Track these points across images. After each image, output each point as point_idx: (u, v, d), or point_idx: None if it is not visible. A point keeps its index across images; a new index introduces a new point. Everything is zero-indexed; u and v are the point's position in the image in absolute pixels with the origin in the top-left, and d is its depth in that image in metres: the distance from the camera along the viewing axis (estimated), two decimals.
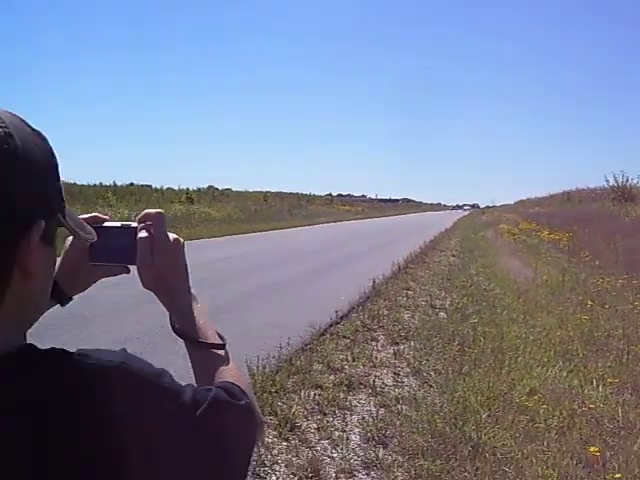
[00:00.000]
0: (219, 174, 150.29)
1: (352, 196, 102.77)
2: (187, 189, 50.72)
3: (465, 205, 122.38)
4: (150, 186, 52.71)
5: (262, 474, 4.62)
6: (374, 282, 13.16)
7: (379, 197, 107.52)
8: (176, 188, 50.82)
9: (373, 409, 6.03)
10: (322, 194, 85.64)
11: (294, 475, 4.63)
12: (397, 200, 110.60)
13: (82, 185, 42.46)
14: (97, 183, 44.68)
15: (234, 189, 62.78)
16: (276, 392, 6.17)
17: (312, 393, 6.31)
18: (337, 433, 5.45)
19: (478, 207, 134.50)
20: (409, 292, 13.02)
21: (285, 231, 35.07)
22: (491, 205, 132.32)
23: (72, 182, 41.82)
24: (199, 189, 51.93)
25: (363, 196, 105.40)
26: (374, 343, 8.64)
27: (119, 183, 45.82)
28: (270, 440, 5.17)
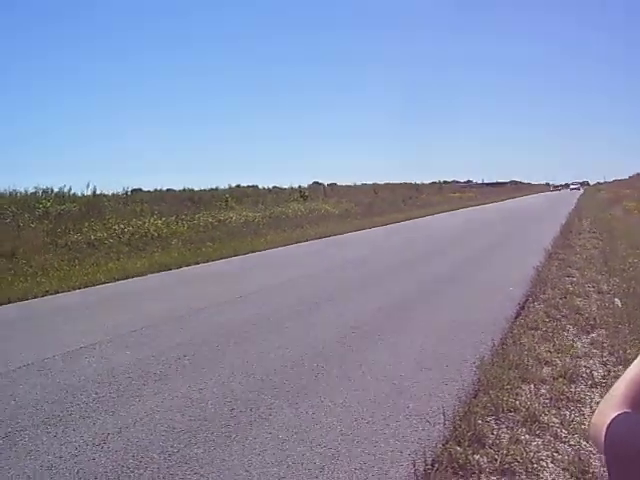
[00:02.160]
0: (320, 169, 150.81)
1: (457, 182, 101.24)
2: (299, 187, 51.20)
3: (574, 183, 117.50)
4: (257, 186, 53.34)
5: (531, 470, 4.65)
6: (538, 270, 13.08)
7: (485, 181, 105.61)
8: (285, 187, 51.31)
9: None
10: (428, 182, 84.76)
11: (565, 470, 4.65)
12: (504, 183, 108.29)
13: (201, 190, 43.36)
14: (212, 187, 45.47)
15: (339, 183, 62.91)
16: (502, 388, 6.19)
17: (534, 387, 6.31)
18: (583, 427, 5.44)
19: (588, 184, 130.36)
20: (572, 279, 12.84)
21: (410, 222, 35.09)
22: (602, 181, 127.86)
23: (191, 188, 42.86)
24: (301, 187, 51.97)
25: (469, 181, 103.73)
26: (565, 333, 8.57)
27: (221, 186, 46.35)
28: (523, 437, 5.21)
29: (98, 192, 31.09)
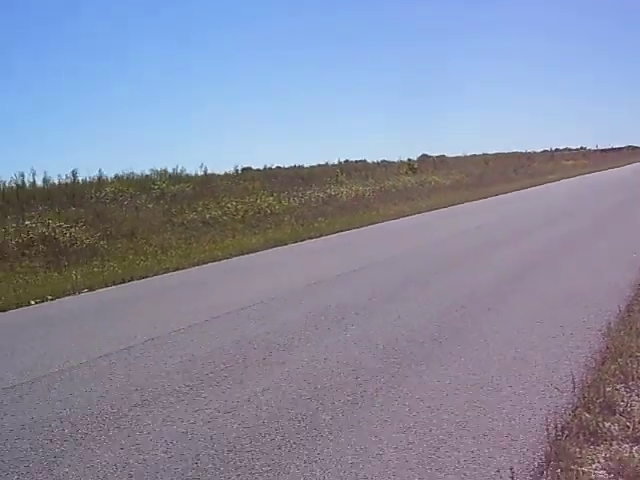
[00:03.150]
0: (431, 142, 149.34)
1: (570, 149, 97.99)
2: (409, 160, 50.81)
3: None
4: (365, 160, 53.15)
5: None
6: None
7: (600, 147, 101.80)
8: (394, 160, 50.97)
9: None
10: (539, 150, 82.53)
11: None
12: (621, 148, 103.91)
13: (310, 167, 43.70)
14: (322, 163, 45.70)
15: (447, 155, 62.05)
16: (630, 356, 6.02)
17: None
18: None
19: None
20: None
21: (522, 191, 34.49)
22: None
23: (300, 165, 43.24)
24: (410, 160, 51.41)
25: (582, 148, 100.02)
26: None
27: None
28: None
29: (210, 172, 31.74)
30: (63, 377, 6.74)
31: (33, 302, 11.65)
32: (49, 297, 11.98)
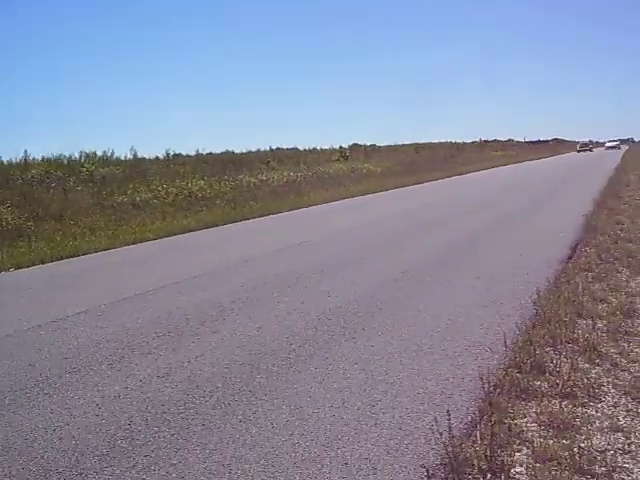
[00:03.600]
0: (358, 131, 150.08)
1: (499, 141, 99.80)
2: (340, 147, 51.06)
3: (611, 140, 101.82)
4: (297, 148, 53.27)
5: (592, 395, 4.62)
6: (587, 217, 12.99)
7: (527, 139, 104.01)
8: (326, 148, 51.17)
9: None
10: (469, 141, 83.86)
11: (627, 394, 4.62)
12: (547, 141, 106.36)
13: (242, 153, 43.54)
14: (253, 150, 45.59)
15: (378, 144, 62.55)
16: (558, 322, 6.15)
17: (591, 322, 6.25)
18: None
19: (633, 141, 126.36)
20: (622, 226, 12.67)
21: (451, 179, 35.03)
22: None
23: (231, 151, 43.00)
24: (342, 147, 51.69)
25: (510, 140, 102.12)
26: (618, 275, 8.47)
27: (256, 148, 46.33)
28: (582, 366, 5.19)
29: (140, 156, 31.37)
30: None
31: None
32: None
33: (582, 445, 3.71)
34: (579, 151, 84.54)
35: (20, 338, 6.87)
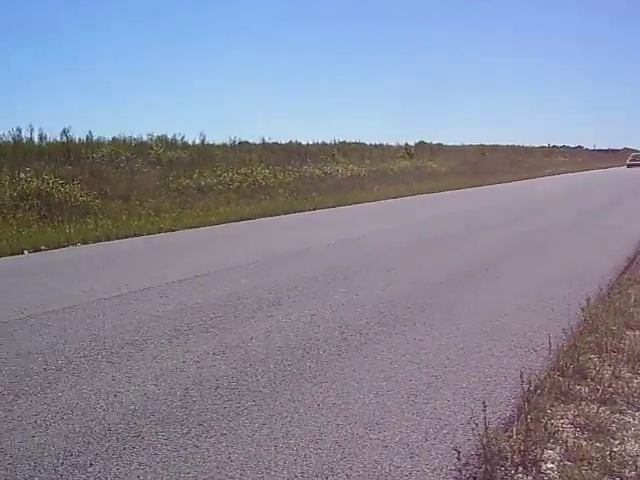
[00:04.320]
0: (429, 130, 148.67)
1: (567, 147, 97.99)
2: (406, 144, 50.89)
3: None
4: (363, 143, 53.10)
5: (632, 402, 4.71)
6: None
7: (597, 147, 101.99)
8: (392, 144, 50.97)
9: None
10: (537, 145, 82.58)
11: None
12: (617, 150, 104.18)
13: (307, 144, 43.68)
14: (319, 142, 45.61)
15: (444, 143, 62.08)
16: (606, 331, 6.21)
17: (638, 334, 6.28)
18: None
19: None
20: None
21: (516, 183, 34.78)
22: None
23: (298, 142, 43.17)
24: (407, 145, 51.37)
25: (579, 147, 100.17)
26: None
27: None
28: (625, 375, 5.26)
29: (208, 141, 31.82)
30: (57, 317, 6.94)
31: (27, 252, 11.80)
32: (43, 247, 12.15)
33: (615, 449, 3.82)
34: (629, 166, 63.96)
35: (85, 309, 7.23)
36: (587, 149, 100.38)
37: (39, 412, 4.40)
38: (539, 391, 4.62)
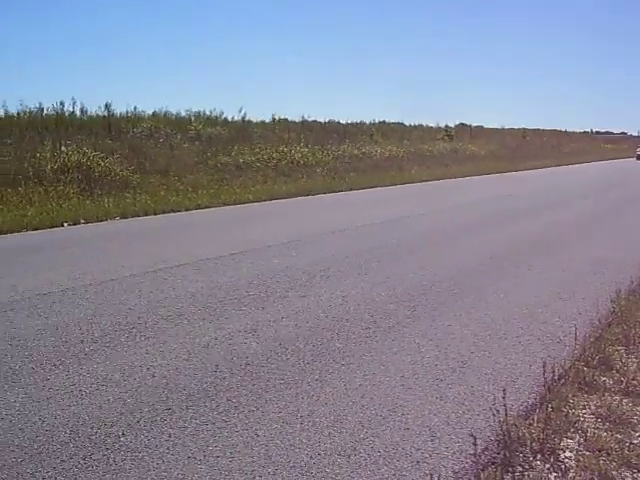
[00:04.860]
0: (468, 111, 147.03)
1: (611, 133, 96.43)
2: (446, 126, 50.58)
3: None
4: (402, 123, 52.83)
5: None
6: None
7: None
8: (432, 125, 50.67)
9: None
10: (579, 131, 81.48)
11: None
12: None
13: (346, 123, 43.58)
14: (357, 121, 45.51)
15: (485, 126, 61.53)
16: (635, 323, 6.20)
17: None
18: None
19: None
20: None
21: (557, 168, 34.46)
22: None
23: (337, 121, 43.11)
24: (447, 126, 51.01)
25: (623, 133, 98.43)
26: None
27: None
28: None
29: (247, 118, 31.97)
30: (94, 290, 7.13)
31: (66, 224, 12.05)
32: (82, 221, 12.39)
33: (635, 441, 3.88)
34: (638, 157, 51.63)
35: (122, 284, 7.41)
36: (632, 135, 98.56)
37: (75, 383, 4.56)
38: (562, 380, 4.66)
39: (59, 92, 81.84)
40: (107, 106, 24.85)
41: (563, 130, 71.30)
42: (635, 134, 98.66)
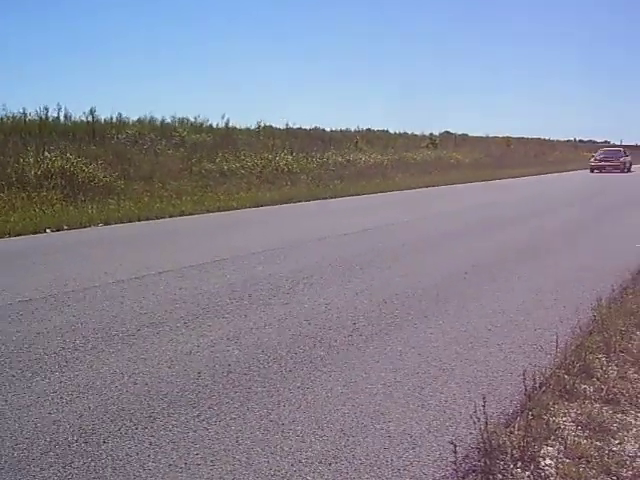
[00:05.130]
0: (453, 119, 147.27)
1: (594, 142, 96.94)
2: (431, 134, 50.82)
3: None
4: (387, 131, 53.06)
5: (636, 404, 4.76)
6: None
7: (624, 143, 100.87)
8: (417, 133, 50.92)
9: None
10: (563, 139, 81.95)
11: None
12: None
13: (331, 131, 43.69)
14: (343, 128, 45.65)
15: (469, 134, 61.85)
16: (615, 331, 6.24)
17: None
18: None
19: None
20: None
21: (540, 176, 34.65)
22: None
23: (321, 128, 43.20)
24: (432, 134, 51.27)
25: (606, 142, 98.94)
26: None
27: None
28: (631, 375, 5.31)
29: (231, 125, 32.00)
30: (76, 296, 7.10)
31: (49, 230, 12.00)
32: (65, 227, 12.35)
33: (614, 449, 3.90)
34: (592, 169, 44.50)
35: (104, 290, 7.40)
36: (614, 144, 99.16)
37: (56, 390, 4.55)
38: (543, 388, 4.69)
39: (43, 95, 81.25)
40: (91, 112, 24.82)
41: (547, 139, 71.70)
42: (617, 143, 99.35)
